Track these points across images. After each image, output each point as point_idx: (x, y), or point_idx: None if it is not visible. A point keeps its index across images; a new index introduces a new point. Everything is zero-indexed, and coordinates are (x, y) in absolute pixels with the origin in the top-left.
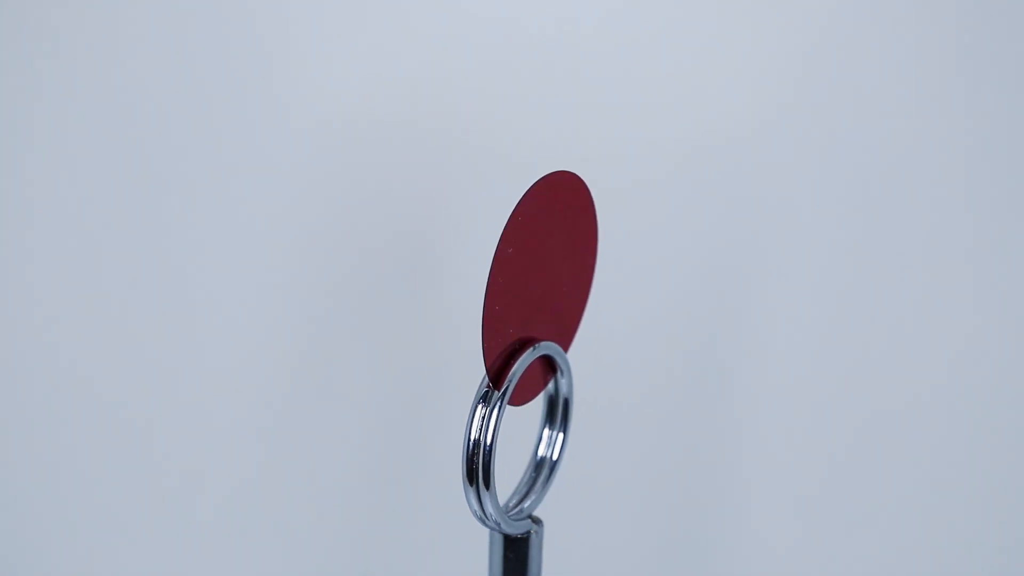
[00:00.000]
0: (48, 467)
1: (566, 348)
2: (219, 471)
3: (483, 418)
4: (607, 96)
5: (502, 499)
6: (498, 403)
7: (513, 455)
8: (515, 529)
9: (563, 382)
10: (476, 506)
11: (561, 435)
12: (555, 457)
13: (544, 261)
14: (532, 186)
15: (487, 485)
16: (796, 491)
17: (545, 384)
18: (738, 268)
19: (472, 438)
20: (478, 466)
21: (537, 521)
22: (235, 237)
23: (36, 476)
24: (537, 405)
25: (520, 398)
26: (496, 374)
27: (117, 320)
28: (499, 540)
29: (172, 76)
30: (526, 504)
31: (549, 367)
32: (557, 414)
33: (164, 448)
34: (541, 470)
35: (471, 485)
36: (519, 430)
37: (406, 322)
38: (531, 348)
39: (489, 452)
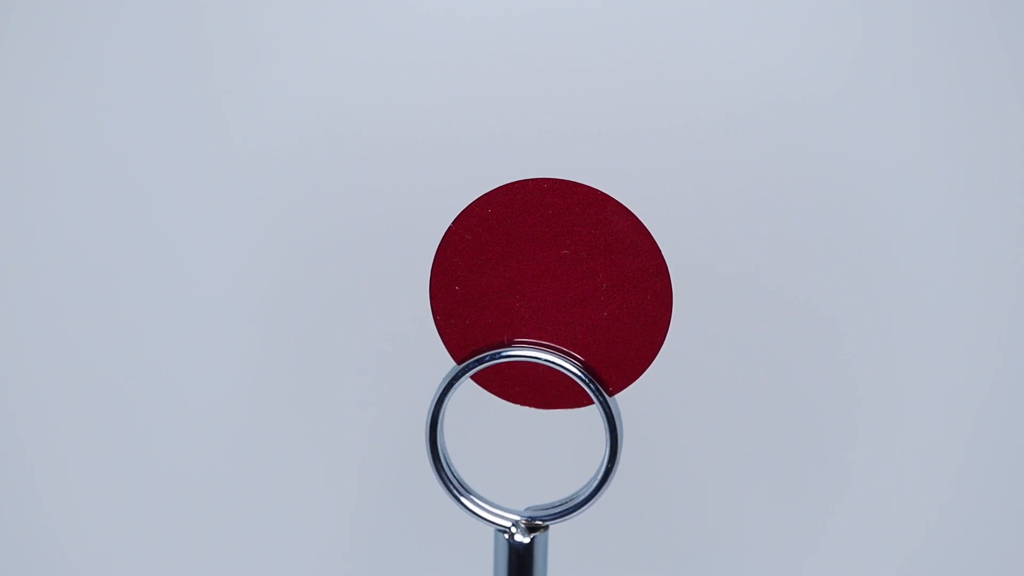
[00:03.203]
0: (41, 467)
1: (619, 381)
2: (218, 473)
3: (438, 386)
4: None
5: (531, 501)
6: (451, 376)
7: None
8: (484, 521)
9: (599, 412)
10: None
11: (595, 484)
12: (570, 506)
13: (557, 274)
14: (513, 184)
15: (433, 451)
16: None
17: (579, 400)
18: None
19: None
20: (426, 430)
21: (534, 528)
22: (227, 236)
23: (29, 476)
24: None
25: (531, 399)
26: (465, 356)
27: (113, 321)
28: (503, 546)
29: (156, 77)
30: (533, 515)
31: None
32: (604, 453)
33: (159, 449)
34: (558, 509)
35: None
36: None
37: (409, 322)
38: (513, 349)
39: (434, 418)
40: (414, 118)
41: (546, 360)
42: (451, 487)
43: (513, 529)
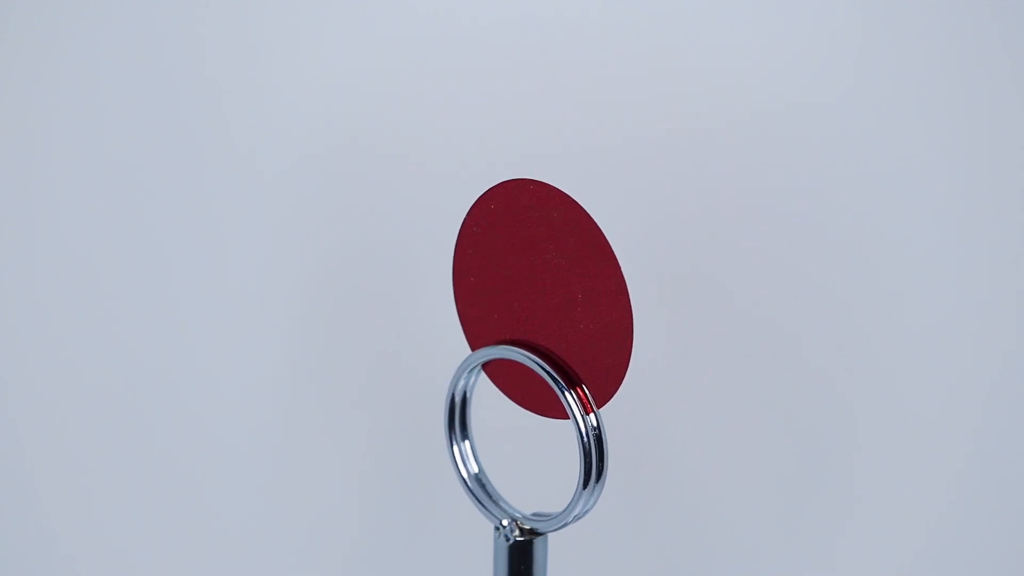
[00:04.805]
0: (41, 467)
1: (600, 391)
2: (220, 474)
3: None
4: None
5: (537, 507)
6: (462, 368)
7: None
8: (483, 508)
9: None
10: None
11: (573, 503)
12: (553, 519)
13: (545, 278)
14: (508, 182)
15: (451, 432)
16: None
17: (558, 410)
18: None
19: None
20: (445, 414)
21: (527, 531)
22: (231, 239)
23: (35, 479)
24: None
25: (530, 403)
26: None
27: (117, 323)
28: (501, 545)
29: (159, 80)
30: (526, 518)
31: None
32: (580, 466)
33: (164, 452)
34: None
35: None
36: None
37: (411, 323)
38: (502, 348)
39: (451, 404)
40: (417, 118)
41: (525, 361)
42: (457, 457)
43: (506, 526)
